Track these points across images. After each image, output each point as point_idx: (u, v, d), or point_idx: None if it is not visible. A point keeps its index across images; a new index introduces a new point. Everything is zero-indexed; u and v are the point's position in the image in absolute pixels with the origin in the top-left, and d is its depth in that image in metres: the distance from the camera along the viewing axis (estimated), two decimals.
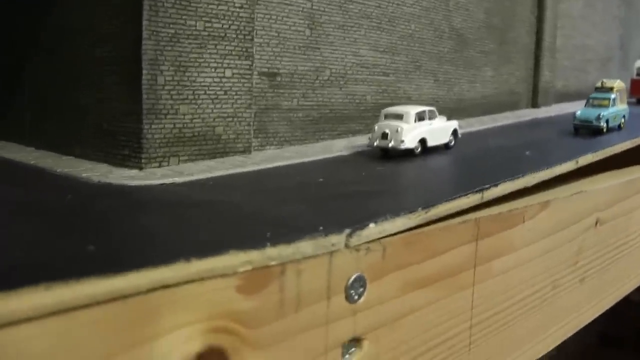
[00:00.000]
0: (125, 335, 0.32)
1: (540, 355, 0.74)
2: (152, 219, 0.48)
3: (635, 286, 1.05)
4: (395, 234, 0.48)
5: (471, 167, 0.78)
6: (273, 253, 0.39)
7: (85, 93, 0.80)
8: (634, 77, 1.68)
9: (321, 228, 0.43)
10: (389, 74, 1.02)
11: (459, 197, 0.57)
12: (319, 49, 0.89)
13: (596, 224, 0.85)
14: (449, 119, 0.89)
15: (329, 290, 0.43)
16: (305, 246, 0.41)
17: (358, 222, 0.46)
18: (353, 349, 0.46)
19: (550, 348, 0.77)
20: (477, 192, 0.59)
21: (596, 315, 0.90)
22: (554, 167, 0.74)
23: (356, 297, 0.45)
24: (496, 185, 0.62)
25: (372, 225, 0.46)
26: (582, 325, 0.86)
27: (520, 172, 0.68)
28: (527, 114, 1.35)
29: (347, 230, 0.44)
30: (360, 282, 0.45)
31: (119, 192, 0.59)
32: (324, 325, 0.43)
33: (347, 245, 0.44)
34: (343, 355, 0.45)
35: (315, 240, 0.41)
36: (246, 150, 0.80)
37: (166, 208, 0.53)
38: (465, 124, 1.10)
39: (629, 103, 1.56)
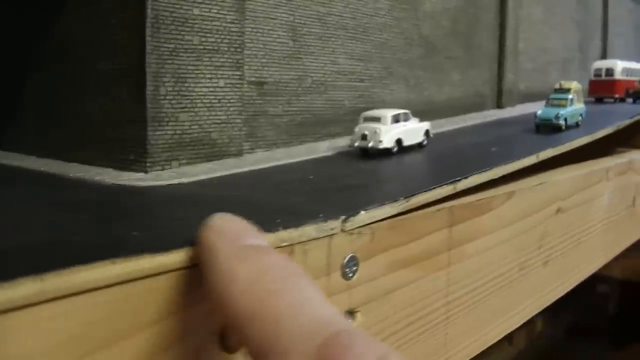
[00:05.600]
0: (164, 302, 0.38)
1: (510, 330, 0.81)
2: (175, 211, 0.55)
3: (596, 269, 1.12)
4: (382, 219, 0.56)
5: (443, 162, 0.86)
6: (284, 236, 0.46)
7: (89, 103, 0.87)
8: (592, 78, 1.76)
9: (321, 215, 0.50)
10: (364, 80, 1.09)
11: (435, 187, 0.64)
12: (301, 58, 0.97)
13: (557, 211, 0.93)
14: (420, 120, 0.96)
15: (329, 268, 0.50)
16: (309, 230, 0.48)
17: (351, 210, 0.53)
18: (348, 321, 0.54)
19: (519, 324, 0.84)
20: (450, 183, 0.66)
21: (559, 295, 0.97)
22: (517, 160, 0.82)
23: (350, 274, 0.52)
24: (467, 177, 0.69)
25: (363, 212, 0.53)
26: (547, 304, 0.93)
27: (488, 165, 0.76)
28: (492, 114, 1.43)
29: (343, 217, 0.51)
30: (354, 261, 0.52)
31: (135, 192, 0.66)
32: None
33: (342, 230, 0.51)
34: None
35: (317, 225, 0.49)
36: (238, 154, 0.87)
37: (183, 202, 0.60)
38: (436, 125, 1.17)
39: (588, 102, 1.65)
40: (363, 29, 1.08)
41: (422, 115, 1.00)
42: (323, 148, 0.93)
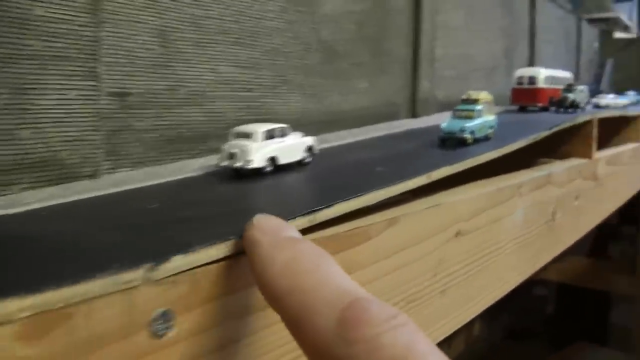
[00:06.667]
0: None
1: None
2: None
3: (509, 289, 1.05)
4: (208, 263, 0.47)
5: (316, 186, 0.76)
6: (55, 296, 0.37)
7: None
8: (515, 86, 1.70)
9: (118, 264, 0.41)
10: (253, 90, 1.00)
11: (288, 221, 0.55)
12: (172, 66, 0.87)
13: (457, 234, 0.85)
14: (320, 132, 0.87)
15: (129, 329, 0.41)
16: (94, 286, 0.39)
17: (175, 251, 0.44)
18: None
19: None
20: (307, 214, 0.58)
21: (463, 323, 0.89)
22: (402, 182, 0.73)
23: (163, 331, 0.43)
24: (330, 206, 0.60)
25: (178, 257, 0.44)
26: (447, 334, 0.85)
27: (368, 188, 0.67)
28: (403, 125, 1.35)
29: (147, 265, 0.42)
30: (167, 316, 0.43)
31: None
32: None
33: (148, 280, 0.42)
34: None
35: (107, 278, 0.39)
36: (94, 175, 0.77)
37: None
38: (335, 137, 1.08)
39: (511, 111, 1.59)
40: (249, 34, 0.99)
41: (323, 127, 0.92)
42: (195, 167, 0.83)
